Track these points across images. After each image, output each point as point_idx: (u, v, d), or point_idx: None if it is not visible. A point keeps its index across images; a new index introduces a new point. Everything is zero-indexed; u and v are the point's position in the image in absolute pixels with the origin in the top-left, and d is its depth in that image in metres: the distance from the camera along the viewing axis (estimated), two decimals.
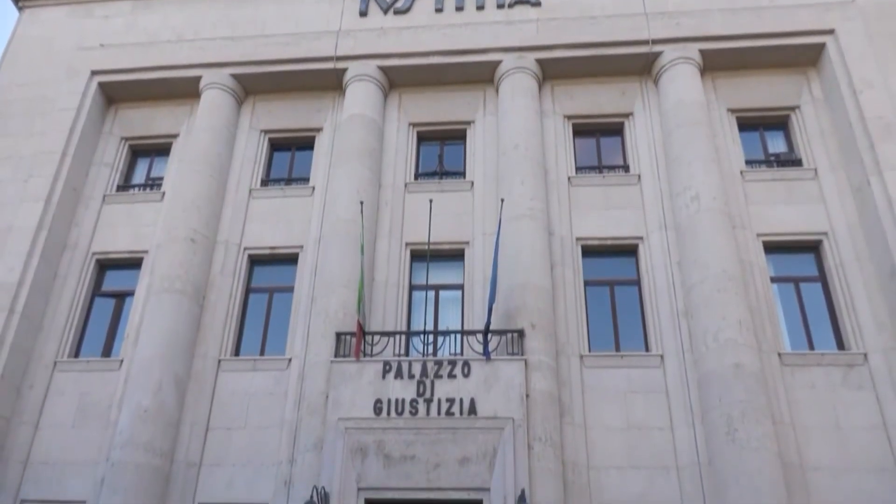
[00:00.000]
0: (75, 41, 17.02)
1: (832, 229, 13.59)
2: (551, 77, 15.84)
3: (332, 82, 16.19)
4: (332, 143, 15.64)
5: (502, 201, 13.32)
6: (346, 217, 13.95)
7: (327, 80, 16.18)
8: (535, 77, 15.47)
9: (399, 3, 16.55)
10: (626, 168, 15.06)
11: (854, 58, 14.50)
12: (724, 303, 12.26)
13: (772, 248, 13.75)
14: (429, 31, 15.95)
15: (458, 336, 12.79)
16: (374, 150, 15.06)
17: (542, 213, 13.78)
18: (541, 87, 15.67)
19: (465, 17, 16.19)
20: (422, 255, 14.10)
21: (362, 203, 13.60)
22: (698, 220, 13.20)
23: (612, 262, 14.11)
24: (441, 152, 15.86)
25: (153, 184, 16.08)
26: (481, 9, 16.28)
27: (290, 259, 14.65)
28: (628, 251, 14.12)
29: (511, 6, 16.19)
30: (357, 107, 15.38)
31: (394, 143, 15.60)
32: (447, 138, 16.01)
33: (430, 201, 13.60)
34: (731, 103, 15.29)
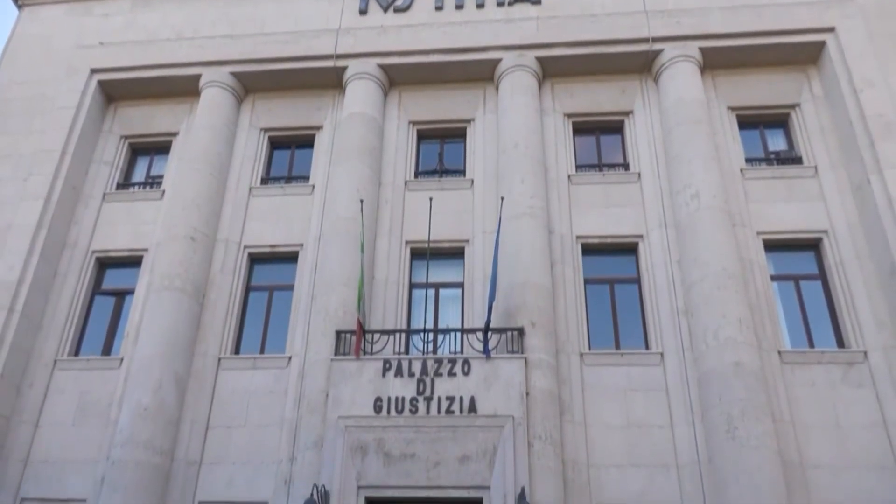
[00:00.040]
0: (75, 39, 16.99)
1: (832, 227, 13.59)
2: (551, 75, 15.82)
3: (332, 80, 16.18)
4: (332, 141, 15.63)
5: (502, 199, 13.31)
6: (346, 215, 13.94)
7: (327, 79, 16.17)
8: (535, 75, 15.45)
9: (399, 2, 16.51)
10: (626, 166, 15.05)
11: (854, 56, 14.49)
12: (724, 301, 12.27)
13: (772, 246, 13.75)
14: (429, 30, 15.93)
15: (458, 334, 12.79)
16: (374, 149, 15.05)
17: (542, 212, 13.77)
18: (541, 86, 15.65)
19: (465, 15, 16.17)
20: (422, 254, 14.10)
21: (362, 201, 13.59)
22: (698, 218, 13.19)
23: (612, 260, 14.10)
24: (441, 150, 15.85)
25: (153, 182, 16.07)
26: (481, 7, 16.24)
27: (291, 257, 14.64)
28: (628, 249, 14.12)
29: (511, 4, 16.15)
30: (357, 105, 15.36)
31: (394, 141, 15.59)
32: (447, 136, 16.00)
33: (431, 199, 13.60)
34: (731, 101, 15.28)
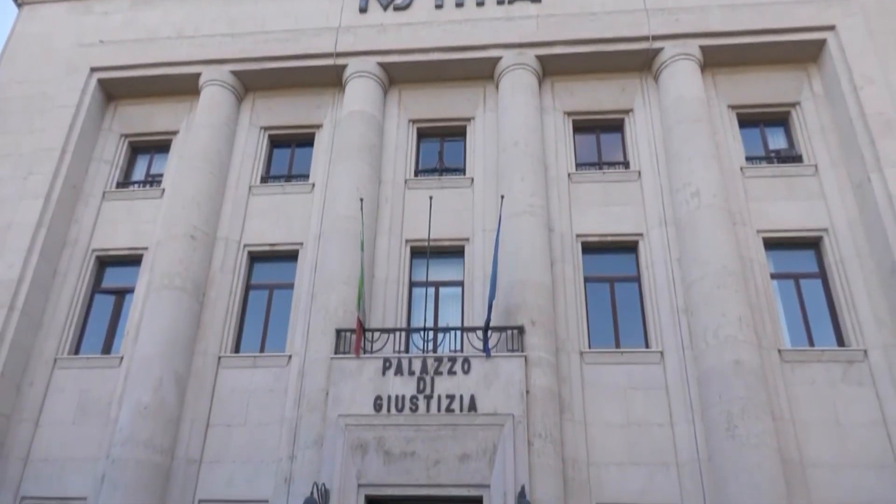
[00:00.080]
0: (75, 38, 16.98)
1: (832, 226, 13.58)
2: (551, 73, 15.81)
3: (332, 79, 16.17)
4: (331, 139, 15.62)
5: (502, 198, 13.29)
6: (346, 214, 13.94)
7: (327, 77, 16.16)
8: (535, 73, 15.44)
9: (399, 0, 16.51)
10: (626, 164, 15.04)
11: (855, 54, 14.47)
12: (724, 299, 12.27)
13: (772, 244, 13.74)
14: (429, 28, 15.91)
15: (458, 333, 12.79)
16: (374, 147, 15.04)
17: (542, 210, 13.76)
18: (541, 84, 15.64)
19: (465, 13, 16.15)
20: (422, 252, 14.09)
21: (362, 200, 13.58)
22: (698, 217, 13.19)
23: (612, 258, 14.10)
24: (441, 149, 15.84)
25: (153, 180, 16.07)
26: (481, 5, 16.22)
27: (290, 256, 14.64)
28: (628, 248, 14.12)
29: (511, 2, 16.13)
30: (357, 103, 15.35)
31: (394, 139, 15.58)
32: (447, 135, 15.99)
33: (430, 198, 13.60)
34: (731, 99, 15.26)
